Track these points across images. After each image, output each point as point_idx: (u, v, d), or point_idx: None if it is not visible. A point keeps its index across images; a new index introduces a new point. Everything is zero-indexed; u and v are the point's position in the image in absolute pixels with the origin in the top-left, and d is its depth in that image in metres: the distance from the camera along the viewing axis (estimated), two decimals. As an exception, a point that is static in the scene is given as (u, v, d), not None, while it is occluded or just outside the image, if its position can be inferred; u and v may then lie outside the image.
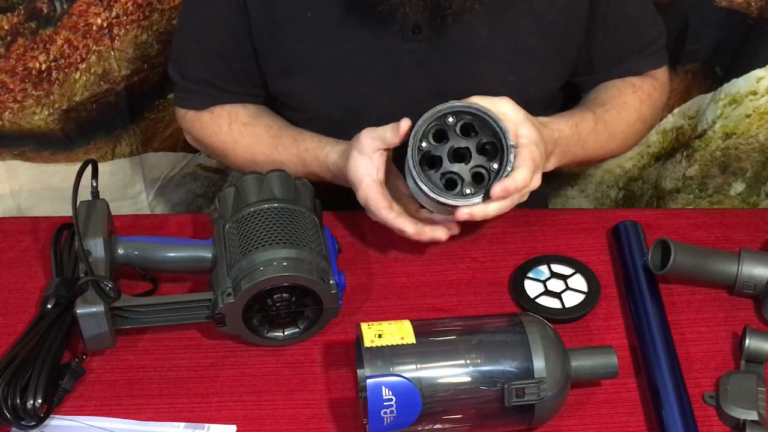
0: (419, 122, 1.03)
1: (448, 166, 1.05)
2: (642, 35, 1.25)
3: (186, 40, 1.23)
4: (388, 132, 1.05)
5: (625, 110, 1.22)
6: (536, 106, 1.19)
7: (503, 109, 1.04)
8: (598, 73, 1.25)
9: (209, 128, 1.26)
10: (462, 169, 1.05)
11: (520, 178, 1.02)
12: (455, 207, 1.03)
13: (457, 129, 1.05)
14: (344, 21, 1.13)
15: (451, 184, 1.04)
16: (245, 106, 1.26)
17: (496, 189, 1.01)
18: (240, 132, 1.23)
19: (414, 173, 1.03)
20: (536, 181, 1.05)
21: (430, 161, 1.05)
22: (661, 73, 1.29)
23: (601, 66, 1.25)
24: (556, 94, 1.27)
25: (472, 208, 1.02)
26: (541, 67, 1.19)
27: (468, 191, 1.04)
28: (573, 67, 1.24)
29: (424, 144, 1.04)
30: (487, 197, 1.03)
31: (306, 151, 1.19)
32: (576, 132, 1.15)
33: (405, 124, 1.04)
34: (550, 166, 1.14)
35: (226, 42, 1.20)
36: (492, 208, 1.03)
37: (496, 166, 1.03)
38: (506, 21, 1.14)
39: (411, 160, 1.03)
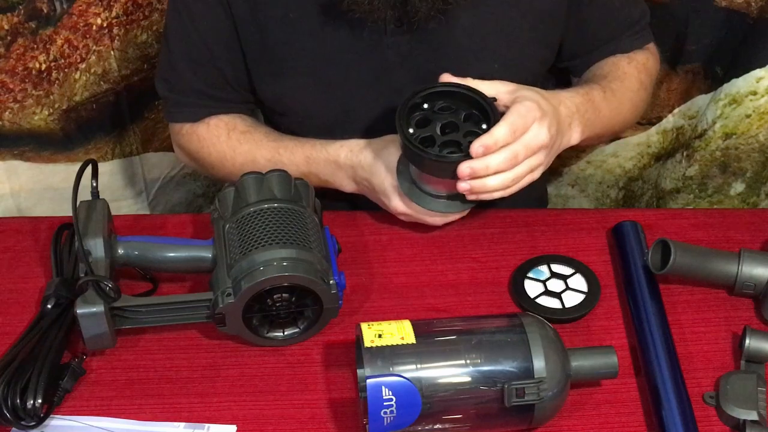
0: (398, 108, 1.04)
1: (441, 138, 1.05)
2: (628, 15, 1.27)
3: (174, 54, 1.23)
4: None
5: (627, 79, 1.23)
6: None
7: (495, 88, 1.06)
8: (590, 54, 1.27)
9: (207, 140, 1.25)
10: (456, 137, 1.05)
11: (498, 132, 1.00)
12: (457, 163, 1.02)
13: (436, 110, 1.06)
14: (325, 20, 1.13)
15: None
16: (242, 117, 1.26)
17: (474, 145, 1.00)
18: (238, 140, 1.23)
19: (411, 146, 1.02)
20: (541, 135, 1.03)
21: (422, 143, 1.05)
22: (651, 46, 1.30)
23: (591, 47, 1.26)
24: (543, 79, 1.28)
25: (472, 162, 1.00)
26: (526, 52, 1.20)
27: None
28: (557, 50, 1.24)
29: (411, 130, 1.04)
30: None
31: (312, 147, 1.18)
32: (588, 100, 1.15)
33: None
34: (576, 137, 1.13)
35: (215, 49, 1.20)
36: (493, 160, 1.00)
37: (485, 126, 1.04)
38: (488, 9, 1.15)
39: (404, 137, 1.03)
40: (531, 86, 1.08)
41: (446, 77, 1.07)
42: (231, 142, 1.23)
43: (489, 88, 1.06)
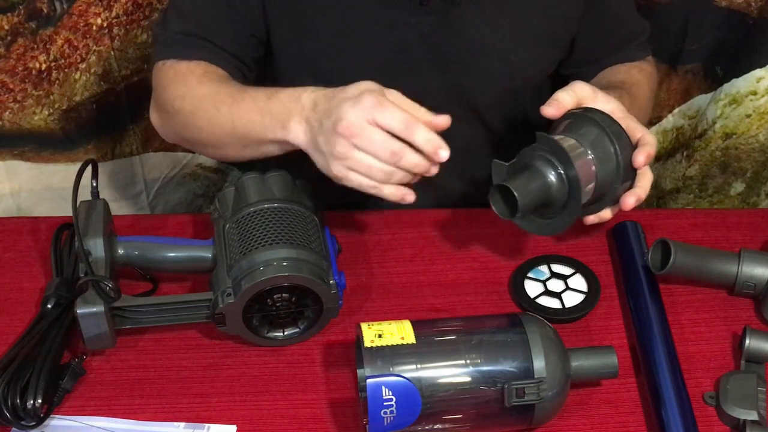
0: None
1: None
2: (634, 27, 1.30)
3: (187, 2, 1.18)
4: (423, 109, 0.99)
5: (641, 87, 1.25)
6: (527, 89, 1.21)
7: (584, 93, 1.06)
8: (598, 61, 1.28)
9: (181, 74, 1.15)
10: None
11: (651, 138, 1.05)
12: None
13: None
14: None
15: None
16: (227, 72, 1.17)
17: (640, 158, 1.02)
18: (210, 78, 1.14)
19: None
20: None
21: None
22: (650, 58, 1.33)
23: (601, 55, 1.27)
24: (545, 82, 1.28)
25: (636, 192, 1.04)
26: (540, 49, 1.21)
27: None
28: (566, 54, 1.25)
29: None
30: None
31: (281, 88, 1.07)
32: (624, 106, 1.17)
33: (445, 120, 0.99)
34: None
35: (236, 2, 1.16)
36: (647, 184, 1.06)
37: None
38: (510, 2, 1.16)
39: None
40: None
41: (546, 109, 1.05)
42: (202, 78, 1.14)
43: (579, 90, 1.06)
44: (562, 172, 0.99)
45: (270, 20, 1.18)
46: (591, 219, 1.07)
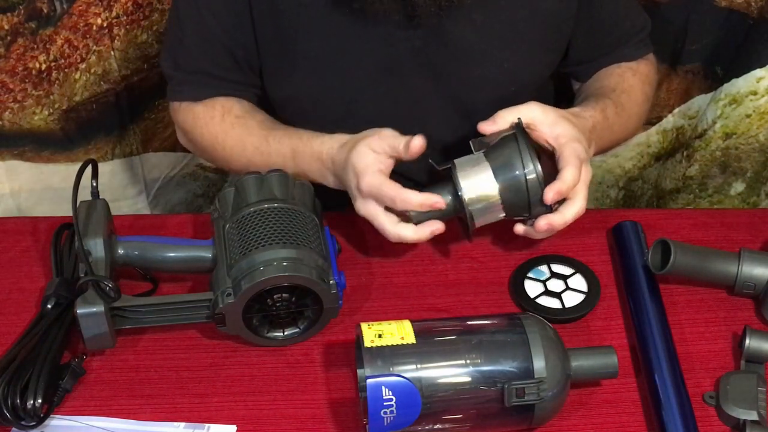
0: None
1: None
2: (633, 22, 1.28)
3: (184, 31, 1.20)
4: (402, 144, 1.04)
5: (633, 92, 1.24)
6: (527, 93, 1.20)
7: (532, 115, 1.05)
8: (595, 60, 1.27)
9: (201, 119, 1.22)
10: None
11: (569, 176, 1.02)
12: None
13: None
14: (337, 8, 1.12)
15: None
16: (240, 101, 1.23)
17: (548, 194, 1.02)
18: (231, 123, 1.20)
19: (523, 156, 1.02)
20: (587, 174, 1.06)
21: None
22: (651, 56, 1.31)
23: (598, 53, 1.26)
24: (546, 83, 1.28)
25: (550, 218, 1.04)
26: (534, 53, 1.20)
27: None
28: (563, 55, 1.25)
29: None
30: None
31: (300, 139, 1.16)
32: (604, 117, 1.17)
33: (418, 141, 1.03)
34: (590, 155, 1.14)
35: (227, 28, 1.17)
36: (570, 213, 1.04)
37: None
38: (500, 8, 1.15)
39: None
40: (561, 109, 1.10)
41: (503, 113, 1.06)
42: (224, 125, 1.21)
43: (527, 112, 1.06)
44: (459, 192, 1.03)
45: (261, 42, 1.18)
46: (517, 229, 1.09)
